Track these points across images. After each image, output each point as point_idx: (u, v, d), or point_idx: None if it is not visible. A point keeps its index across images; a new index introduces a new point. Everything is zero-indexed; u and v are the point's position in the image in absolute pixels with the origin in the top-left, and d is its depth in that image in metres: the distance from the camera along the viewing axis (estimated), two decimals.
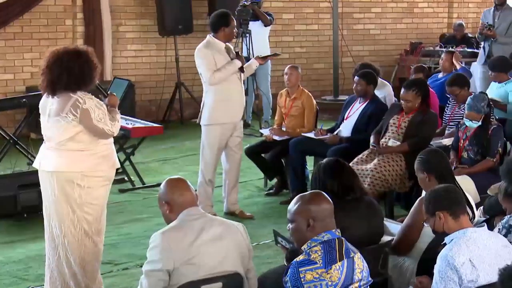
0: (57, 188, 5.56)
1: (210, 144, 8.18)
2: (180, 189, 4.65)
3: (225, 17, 8.18)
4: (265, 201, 8.99)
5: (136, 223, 8.10)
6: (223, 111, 8.06)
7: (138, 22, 13.74)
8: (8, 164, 9.80)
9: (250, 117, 13.39)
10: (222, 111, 8.06)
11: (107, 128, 5.57)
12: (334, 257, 4.14)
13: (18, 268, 6.85)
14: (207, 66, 8.05)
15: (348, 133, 8.70)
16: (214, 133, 8.13)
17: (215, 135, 8.14)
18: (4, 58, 12.78)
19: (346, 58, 15.33)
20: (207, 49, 8.13)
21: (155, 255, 4.43)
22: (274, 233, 5.00)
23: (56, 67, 5.47)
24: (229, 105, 8.09)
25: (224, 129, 8.13)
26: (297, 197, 4.41)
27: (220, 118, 8.08)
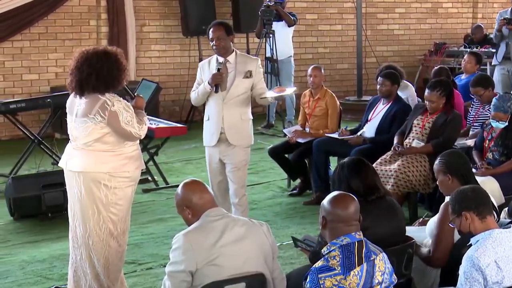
0: (84, 188, 5.55)
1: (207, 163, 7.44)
2: (199, 191, 4.64)
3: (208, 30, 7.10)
4: (288, 201, 8.94)
5: (160, 223, 8.10)
6: (205, 133, 7.19)
7: (162, 22, 13.79)
8: (32, 164, 9.93)
9: (273, 117, 13.39)
10: (205, 132, 7.19)
11: (134, 131, 5.56)
12: (353, 262, 4.12)
13: (43, 267, 6.85)
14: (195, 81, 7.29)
15: (371, 133, 8.68)
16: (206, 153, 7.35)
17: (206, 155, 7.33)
18: (29, 59, 12.85)
19: (370, 59, 15.31)
20: (204, 61, 7.20)
21: (177, 256, 4.42)
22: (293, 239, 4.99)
23: (85, 67, 5.46)
24: (206, 128, 7.13)
25: (209, 151, 7.17)
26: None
27: (204, 140, 7.23)
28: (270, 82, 12.85)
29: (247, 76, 6.95)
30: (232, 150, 7.00)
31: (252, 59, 7.07)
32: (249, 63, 6.98)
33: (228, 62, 6.94)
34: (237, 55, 7.00)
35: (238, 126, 6.98)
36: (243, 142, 7.04)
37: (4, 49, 12.68)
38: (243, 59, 7.03)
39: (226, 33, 6.91)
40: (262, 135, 12.80)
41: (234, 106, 6.95)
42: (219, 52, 6.93)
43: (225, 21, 7.28)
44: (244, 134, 7.04)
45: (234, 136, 6.95)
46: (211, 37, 6.92)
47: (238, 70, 6.93)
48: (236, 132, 6.97)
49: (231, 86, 6.93)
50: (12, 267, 6.87)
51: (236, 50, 7.06)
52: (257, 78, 7.02)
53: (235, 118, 6.97)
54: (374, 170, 5.44)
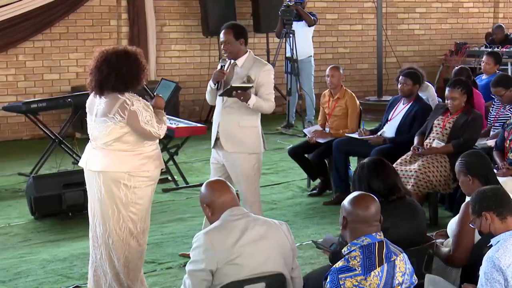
0: (103, 187, 5.57)
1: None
2: (220, 190, 4.64)
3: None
4: (308, 201, 8.92)
5: (180, 222, 8.11)
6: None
7: (182, 22, 13.82)
8: (53, 163, 9.99)
9: (293, 117, 13.37)
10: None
11: (154, 130, 5.56)
12: (373, 262, 4.12)
13: (63, 266, 6.86)
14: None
15: (392, 133, 8.65)
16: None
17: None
18: (49, 58, 12.91)
19: (390, 59, 15.29)
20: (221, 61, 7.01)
21: (198, 255, 4.42)
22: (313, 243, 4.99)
23: (104, 67, 5.48)
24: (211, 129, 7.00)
25: (213, 152, 7.00)
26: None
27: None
28: (290, 81, 12.92)
29: (244, 81, 6.62)
30: (232, 157, 6.70)
31: (259, 64, 6.70)
32: (254, 69, 6.63)
33: (236, 66, 6.70)
34: (247, 59, 6.69)
35: (234, 133, 6.67)
36: (238, 149, 6.68)
37: (25, 49, 12.74)
38: (250, 64, 6.67)
39: (235, 36, 6.63)
40: (282, 135, 12.80)
41: (231, 112, 6.66)
42: (228, 56, 6.73)
43: (237, 23, 7.06)
44: (242, 141, 6.66)
45: (227, 142, 6.66)
46: (221, 40, 6.76)
47: (239, 75, 6.66)
48: (231, 139, 6.67)
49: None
50: (33, 266, 6.88)
51: (250, 53, 6.75)
52: (260, 83, 6.65)
53: (232, 124, 6.68)
54: (395, 170, 5.42)
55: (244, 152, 6.68)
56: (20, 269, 6.83)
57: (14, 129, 12.71)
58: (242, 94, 6.52)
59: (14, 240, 7.68)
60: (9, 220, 8.33)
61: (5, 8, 12.21)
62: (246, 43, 6.73)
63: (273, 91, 6.82)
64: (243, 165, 6.69)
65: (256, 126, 6.79)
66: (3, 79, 12.61)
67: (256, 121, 6.78)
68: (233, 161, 6.69)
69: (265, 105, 6.66)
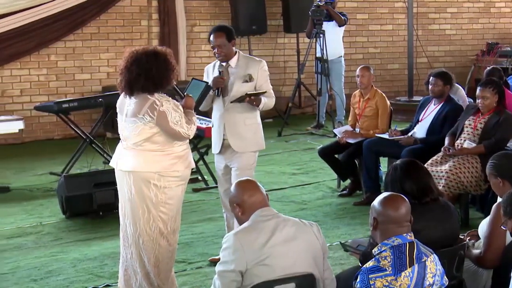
0: (134, 187, 5.58)
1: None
2: (250, 190, 4.60)
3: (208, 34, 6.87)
4: (338, 202, 8.90)
5: (210, 222, 8.11)
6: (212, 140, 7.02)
7: (212, 22, 13.68)
8: (84, 163, 10.05)
9: (323, 118, 13.34)
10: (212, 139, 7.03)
11: (183, 131, 5.57)
12: (404, 263, 4.08)
13: (94, 265, 6.90)
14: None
15: (422, 134, 8.60)
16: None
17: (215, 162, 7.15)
18: (81, 58, 12.99)
19: (421, 59, 15.18)
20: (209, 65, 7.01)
21: (227, 255, 4.41)
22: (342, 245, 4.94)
23: (134, 68, 5.50)
24: (213, 135, 6.97)
25: (216, 158, 7.00)
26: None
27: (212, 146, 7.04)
28: (320, 82, 12.89)
29: (246, 80, 6.66)
30: (238, 155, 6.72)
31: (254, 62, 6.75)
32: (250, 67, 6.69)
33: (230, 67, 6.70)
34: (239, 59, 6.73)
35: (241, 132, 6.72)
36: (248, 149, 6.75)
37: (57, 49, 12.84)
38: (245, 62, 6.73)
39: (228, 39, 6.64)
40: (312, 135, 12.81)
41: (235, 112, 6.67)
42: (221, 60, 6.72)
43: (225, 25, 6.99)
44: (249, 140, 6.73)
45: (237, 142, 6.69)
46: (212, 44, 6.70)
47: (237, 75, 6.67)
48: (240, 138, 6.71)
49: (230, 92, 6.67)
50: (64, 265, 6.93)
51: (239, 52, 6.79)
52: (261, 81, 6.72)
53: (238, 124, 6.71)
54: (428, 171, 5.37)
55: (251, 150, 6.77)
56: (52, 267, 6.87)
57: (45, 129, 12.80)
58: (255, 99, 6.62)
59: (45, 239, 7.73)
60: (41, 219, 8.38)
61: (38, 8, 12.31)
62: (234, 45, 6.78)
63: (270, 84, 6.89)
64: (243, 163, 6.71)
65: (259, 123, 6.89)
66: (35, 79, 12.72)
67: (258, 118, 6.88)
68: (239, 158, 6.72)
69: (269, 102, 6.76)
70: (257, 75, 6.69)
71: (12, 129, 9.80)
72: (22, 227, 8.14)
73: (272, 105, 6.84)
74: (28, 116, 12.11)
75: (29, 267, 6.89)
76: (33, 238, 7.76)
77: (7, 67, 12.51)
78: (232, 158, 6.75)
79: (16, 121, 9.76)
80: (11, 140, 12.16)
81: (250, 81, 6.66)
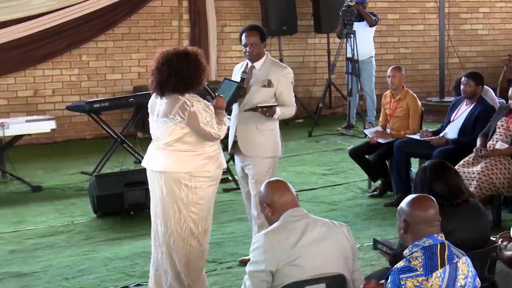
0: (165, 187, 5.59)
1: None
2: (280, 190, 4.59)
3: (240, 33, 6.76)
4: (369, 202, 8.88)
5: (240, 222, 8.10)
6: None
7: (243, 23, 13.65)
8: (115, 163, 10.13)
9: (354, 118, 13.31)
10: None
11: (213, 131, 5.55)
12: (435, 263, 4.04)
13: (125, 265, 6.93)
14: None
15: (454, 135, 8.55)
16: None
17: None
18: (112, 59, 13.08)
19: (452, 59, 15.13)
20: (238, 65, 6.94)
21: (258, 255, 4.39)
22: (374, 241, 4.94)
23: (165, 68, 5.50)
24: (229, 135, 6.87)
25: (236, 159, 6.94)
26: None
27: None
28: (351, 82, 12.86)
29: (264, 85, 6.50)
30: (251, 160, 6.61)
31: (278, 68, 6.60)
32: (273, 72, 6.53)
33: (254, 68, 6.61)
34: (265, 62, 6.60)
35: (252, 136, 6.59)
36: (257, 153, 6.59)
37: (89, 49, 12.93)
38: (269, 67, 6.58)
39: (261, 39, 6.57)
40: (343, 136, 12.78)
41: (249, 116, 6.52)
42: (251, 59, 6.61)
43: (258, 25, 6.94)
44: (260, 145, 6.57)
45: (246, 146, 6.59)
46: (244, 42, 6.57)
47: (258, 79, 6.54)
48: (250, 142, 6.59)
49: (247, 94, 6.56)
50: (96, 264, 6.98)
51: (267, 55, 6.68)
52: (281, 88, 6.54)
53: (250, 128, 6.58)
54: (457, 172, 5.34)
55: (261, 156, 6.59)
56: (83, 266, 6.92)
57: (77, 129, 12.89)
58: (267, 111, 6.45)
59: (77, 238, 7.78)
60: (72, 218, 8.44)
61: (70, 9, 12.41)
62: (265, 46, 6.69)
63: (293, 93, 6.71)
64: (257, 168, 6.59)
65: (274, 129, 6.68)
66: (67, 79, 12.81)
67: (274, 124, 6.67)
68: (252, 164, 6.62)
69: (288, 112, 6.60)
70: (277, 82, 6.52)
71: (44, 129, 9.84)
72: (54, 226, 8.19)
73: (291, 115, 6.70)
74: (60, 116, 12.18)
75: (61, 266, 6.93)
76: (64, 237, 7.81)
77: (40, 67, 12.60)
78: (245, 162, 6.67)
79: (48, 121, 9.80)
80: (43, 139, 12.23)
81: (269, 86, 6.51)
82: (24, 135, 9.90)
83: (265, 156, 6.60)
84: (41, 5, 12.21)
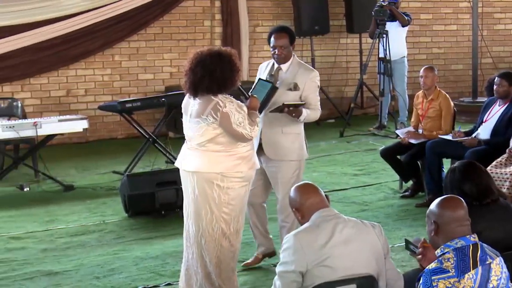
0: (197, 188, 5.60)
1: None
2: (306, 192, 4.59)
3: (269, 34, 6.66)
4: (400, 203, 8.84)
5: (270, 222, 7.89)
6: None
7: (275, 23, 13.60)
8: (147, 162, 10.14)
9: (386, 118, 13.27)
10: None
11: (245, 132, 5.56)
12: (467, 265, 4.01)
13: (156, 264, 6.93)
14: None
15: (487, 135, 8.49)
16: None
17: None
18: (144, 59, 13.07)
19: (486, 59, 15.01)
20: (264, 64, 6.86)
21: (288, 256, 4.39)
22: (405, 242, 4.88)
23: (199, 69, 5.51)
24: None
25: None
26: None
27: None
28: (383, 82, 12.81)
29: (290, 88, 6.41)
30: (276, 163, 6.53)
31: (305, 71, 6.52)
32: (300, 75, 6.46)
33: (281, 70, 6.53)
34: (292, 64, 6.53)
35: (277, 140, 6.50)
36: (283, 157, 6.52)
37: (121, 49, 12.94)
38: (296, 70, 6.51)
39: (290, 41, 6.49)
40: (374, 136, 12.73)
41: (274, 119, 6.44)
42: (279, 61, 6.53)
43: (288, 26, 6.85)
44: (286, 149, 6.49)
45: (271, 150, 6.50)
46: (274, 44, 6.48)
47: (284, 82, 6.46)
48: (274, 146, 6.50)
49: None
50: (127, 263, 6.99)
51: (294, 57, 6.60)
52: (307, 92, 6.45)
53: (275, 131, 6.49)
54: (487, 172, 5.31)
55: (286, 159, 6.52)
56: (114, 265, 6.94)
57: (109, 128, 12.90)
58: (294, 111, 6.34)
59: (108, 237, 7.81)
60: (104, 218, 8.47)
61: (102, 9, 12.44)
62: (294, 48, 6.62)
63: (319, 97, 6.63)
64: (283, 172, 6.53)
65: (299, 133, 6.61)
66: (99, 78, 12.83)
67: (299, 128, 6.60)
68: (274, 168, 6.56)
69: (313, 115, 6.51)
70: (304, 85, 6.44)
71: (77, 128, 9.81)
72: (85, 225, 8.23)
73: (315, 118, 6.63)
74: (92, 115, 12.18)
75: (92, 265, 6.96)
76: (96, 236, 7.85)
77: (72, 67, 12.62)
78: (268, 163, 6.58)
79: (81, 121, 9.78)
80: (75, 139, 12.27)
81: (295, 90, 6.43)
82: (57, 134, 9.88)
83: (290, 160, 6.53)
84: (74, 5, 12.25)
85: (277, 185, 6.61)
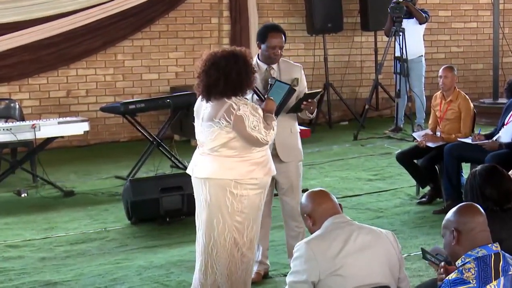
0: (209, 195, 5.53)
1: None
2: (318, 198, 4.55)
3: (263, 31, 6.61)
4: (417, 210, 8.73)
5: (281, 230, 7.89)
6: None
7: (286, 20, 13.77)
8: (151, 166, 10.19)
9: (402, 121, 13.17)
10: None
11: (261, 136, 5.48)
12: (489, 275, 3.91)
13: (160, 274, 6.85)
14: None
15: (508, 138, 8.37)
16: None
17: None
18: (148, 58, 13.03)
19: (507, 58, 14.99)
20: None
21: (299, 265, 4.33)
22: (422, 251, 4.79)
23: (213, 71, 5.44)
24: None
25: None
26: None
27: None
28: (399, 83, 12.76)
29: (294, 84, 6.43)
30: (287, 166, 6.52)
31: (294, 66, 6.63)
32: (294, 71, 6.56)
33: (272, 69, 6.52)
34: (279, 62, 6.55)
35: (288, 141, 6.54)
36: (294, 158, 6.57)
37: (124, 48, 12.88)
38: (286, 66, 6.58)
39: (285, 40, 6.54)
40: (390, 139, 12.69)
41: (283, 120, 6.38)
42: (274, 62, 6.49)
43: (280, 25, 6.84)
44: (294, 149, 6.56)
45: (284, 152, 6.48)
46: (274, 44, 6.43)
47: (283, 79, 6.42)
48: (286, 147, 6.51)
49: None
50: (129, 272, 6.91)
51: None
52: (302, 87, 6.55)
53: (285, 132, 6.47)
54: (509, 176, 5.19)
55: (296, 160, 6.61)
56: (116, 275, 6.87)
57: (111, 131, 12.86)
58: (311, 104, 6.37)
59: (110, 246, 7.75)
60: (106, 225, 8.39)
61: (105, 6, 12.38)
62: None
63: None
64: (294, 174, 6.60)
65: (298, 131, 6.74)
66: (101, 79, 12.79)
67: (297, 126, 6.73)
68: (287, 172, 6.55)
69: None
70: (300, 80, 6.54)
71: (77, 131, 9.77)
72: (86, 232, 8.16)
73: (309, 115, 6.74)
74: (93, 117, 12.16)
75: (93, 275, 6.90)
76: (97, 245, 7.78)
77: (73, 67, 12.58)
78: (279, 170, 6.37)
79: (81, 123, 9.73)
80: (76, 142, 12.26)
81: (297, 85, 6.46)
82: (56, 137, 9.82)
83: (298, 160, 6.65)
84: (75, 2, 12.16)
85: (290, 189, 6.62)
